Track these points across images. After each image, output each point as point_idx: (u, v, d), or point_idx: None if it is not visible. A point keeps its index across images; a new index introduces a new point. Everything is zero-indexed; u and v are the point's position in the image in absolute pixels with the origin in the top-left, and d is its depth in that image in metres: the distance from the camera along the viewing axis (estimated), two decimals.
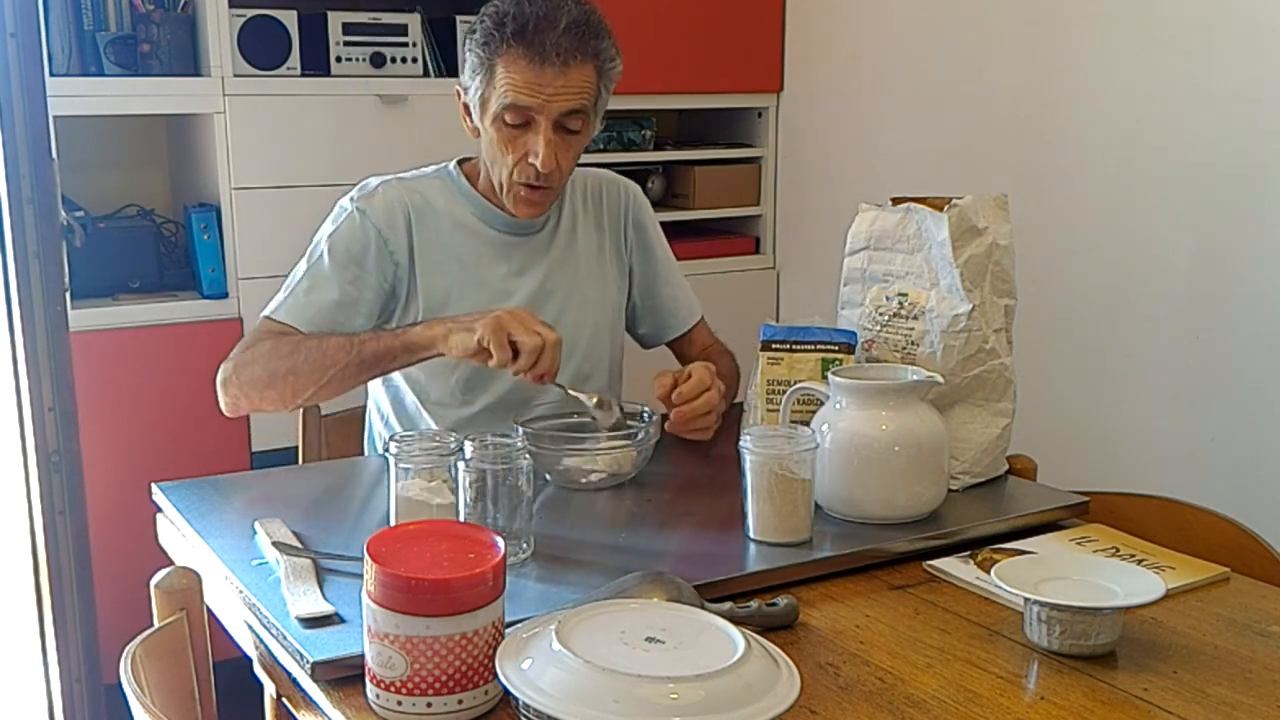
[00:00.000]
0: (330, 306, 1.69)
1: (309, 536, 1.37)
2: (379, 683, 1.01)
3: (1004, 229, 1.56)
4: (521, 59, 1.63)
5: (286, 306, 1.71)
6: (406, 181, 1.80)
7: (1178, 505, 1.57)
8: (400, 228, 1.75)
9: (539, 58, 1.62)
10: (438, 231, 1.77)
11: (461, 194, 1.80)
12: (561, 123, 1.67)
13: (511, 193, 1.72)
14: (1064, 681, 1.10)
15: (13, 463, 2.43)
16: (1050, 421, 2.46)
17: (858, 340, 1.60)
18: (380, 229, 1.74)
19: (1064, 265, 2.53)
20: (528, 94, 1.64)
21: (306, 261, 1.74)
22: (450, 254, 1.77)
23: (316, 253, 1.74)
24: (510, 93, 1.64)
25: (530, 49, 1.62)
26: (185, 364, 2.59)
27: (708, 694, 0.92)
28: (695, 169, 3.26)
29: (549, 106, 1.64)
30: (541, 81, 1.63)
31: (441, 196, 1.79)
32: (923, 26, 2.85)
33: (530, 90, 1.64)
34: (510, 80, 1.64)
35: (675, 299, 1.97)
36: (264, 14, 2.63)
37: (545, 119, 1.65)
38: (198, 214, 2.63)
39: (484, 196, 1.80)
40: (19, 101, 2.34)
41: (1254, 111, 2.19)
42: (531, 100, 1.64)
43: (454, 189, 1.80)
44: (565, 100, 1.65)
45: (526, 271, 1.81)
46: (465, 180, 1.81)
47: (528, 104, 1.64)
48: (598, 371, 1.86)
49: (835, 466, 1.41)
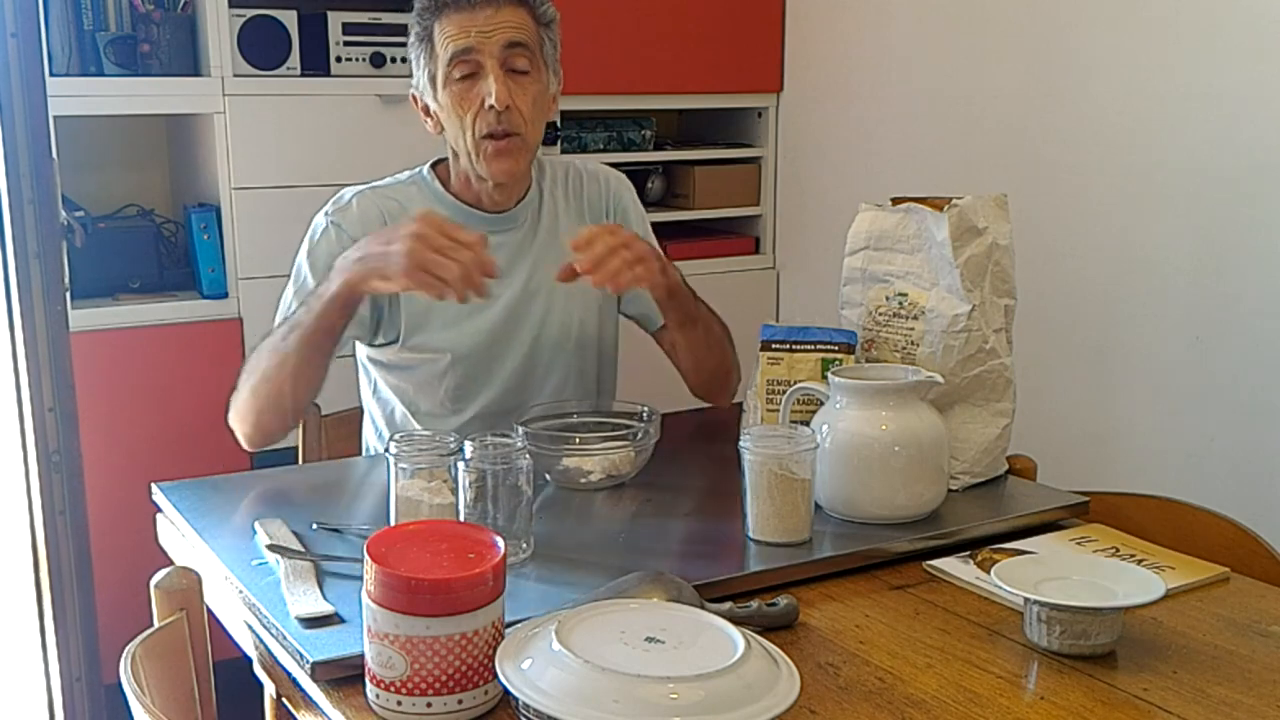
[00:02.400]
0: None
1: (309, 536, 1.37)
2: (379, 683, 1.01)
3: (1004, 229, 1.56)
4: (453, 10, 1.68)
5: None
6: (380, 189, 1.80)
7: (1177, 505, 1.57)
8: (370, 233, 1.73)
9: (468, 4, 1.67)
10: None
11: (436, 198, 1.79)
12: (508, 62, 1.68)
13: (480, 152, 1.71)
14: (1064, 681, 1.10)
15: (13, 463, 2.43)
16: (1050, 421, 2.46)
17: (858, 340, 1.60)
18: (356, 240, 1.70)
19: (1064, 265, 2.53)
20: (464, 37, 1.67)
21: (292, 285, 1.75)
22: None
23: (300, 275, 1.75)
24: (450, 44, 1.67)
25: (459, 2, 1.67)
26: (185, 364, 2.59)
27: (708, 694, 0.92)
28: (695, 169, 3.26)
29: (488, 43, 1.67)
30: (475, 22, 1.67)
31: (417, 202, 1.78)
32: (923, 26, 2.85)
33: (464, 32, 1.67)
34: (447, 33, 1.68)
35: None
36: (264, 14, 2.63)
37: (489, 59, 1.67)
38: (198, 214, 2.63)
39: (458, 197, 1.79)
40: (19, 101, 2.34)
41: (1254, 111, 2.19)
42: (470, 40, 1.67)
43: (428, 193, 1.79)
44: (502, 33, 1.67)
45: (509, 272, 1.78)
46: (439, 183, 1.80)
47: (467, 44, 1.67)
48: (589, 366, 1.85)
49: (835, 466, 1.41)
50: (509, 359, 1.79)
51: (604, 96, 3.05)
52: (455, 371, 1.76)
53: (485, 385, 1.77)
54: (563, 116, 3.00)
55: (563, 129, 3.03)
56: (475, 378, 1.78)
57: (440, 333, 1.75)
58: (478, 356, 1.77)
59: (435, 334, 1.75)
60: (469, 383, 1.77)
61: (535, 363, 1.80)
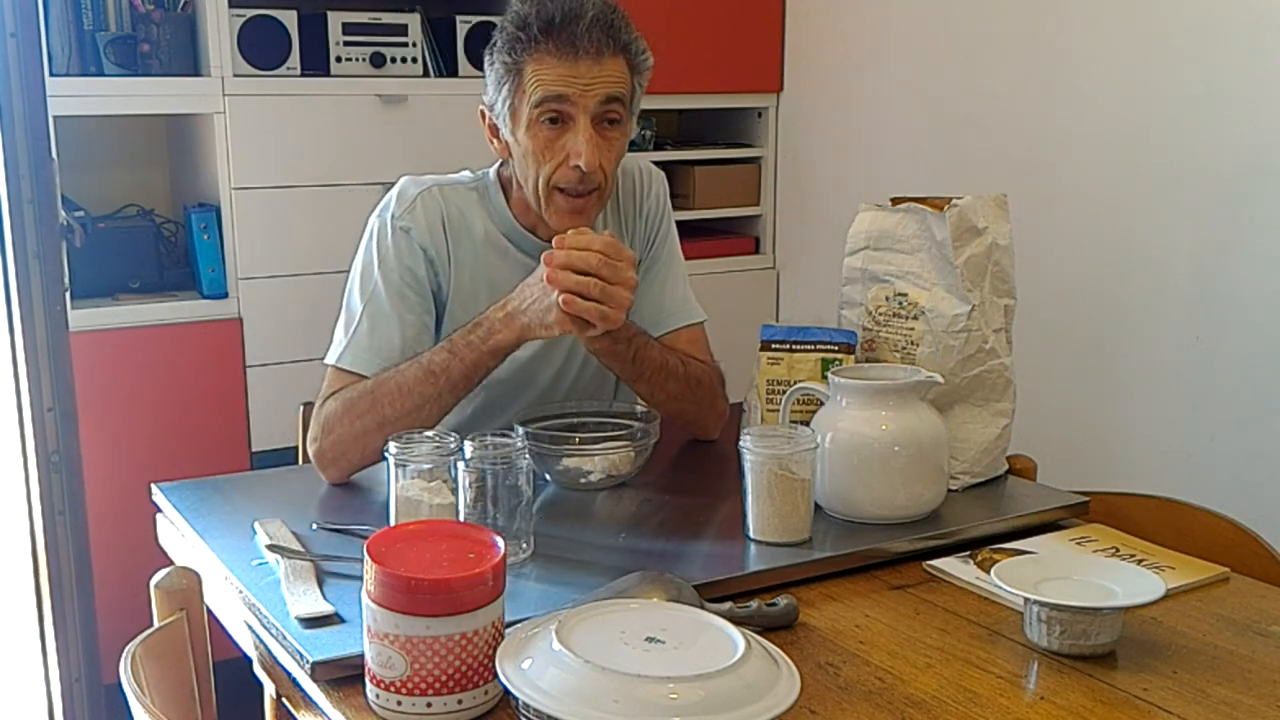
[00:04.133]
0: (397, 348, 1.61)
1: (308, 536, 1.37)
2: (379, 683, 1.01)
3: (1004, 229, 1.56)
4: (551, 55, 1.56)
5: (352, 353, 1.61)
6: (445, 190, 1.70)
7: (1177, 505, 1.57)
8: (441, 241, 1.67)
9: (571, 50, 1.55)
10: (472, 252, 1.69)
11: (495, 211, 1.70)
12: (601, 116, 1.58)
13: (552, 204, 1.61)
14: (1064, 681, 1.10)
15: (13, 463, 2.43)
16: (1050, 421, 2.46)
17: (858, 340, 1.60)
18: (426, 248, 1.65)
19: (1064, 265, 2.53)
20: (562, 85, 1.55)
21: (360, 296, 1.65)
22: (480, 275, 1.69)
23: (370, 285, 1.64)
24: (543, 87, 1.56)
25: (560, 43, 1.55)
26: (185, 364, 2.59)
27: (708, 694, 0.92)
28: (695, 169, 3.26)
29: (585, 97, 1.56)
30: (576, 73, 1.55)
31: (477, 213, 1.70)
32: (922, 27, 2.86)
33: (564, 81, 1.55)
34: (541, 77, 1.56)
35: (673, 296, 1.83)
36: (264, 14, 2.63)
37: (583, 113, 1.56)
38: (198, 214, 2.64)
39: (516, 216, 1.70)
40: (19, 101, 2.34)
41: (1254, 111, 2.19)
42: (567, 89, 1.55)
43: (489, 204, 1.71)
44: (602, 88, 1.56)
45: None
46: (501, 194, 1.71)
47: (563, 93, 1.55)
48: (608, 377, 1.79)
49: (835, 466, 1.41)
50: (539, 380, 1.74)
51: None
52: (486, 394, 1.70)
53: (512, 405, 1.73)
54: None
55: None
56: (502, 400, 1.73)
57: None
58: (511, 380, 1.71)
59: None
60: (496, 403, 1.73)
61: (563, 379, 1.76)
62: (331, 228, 2.69)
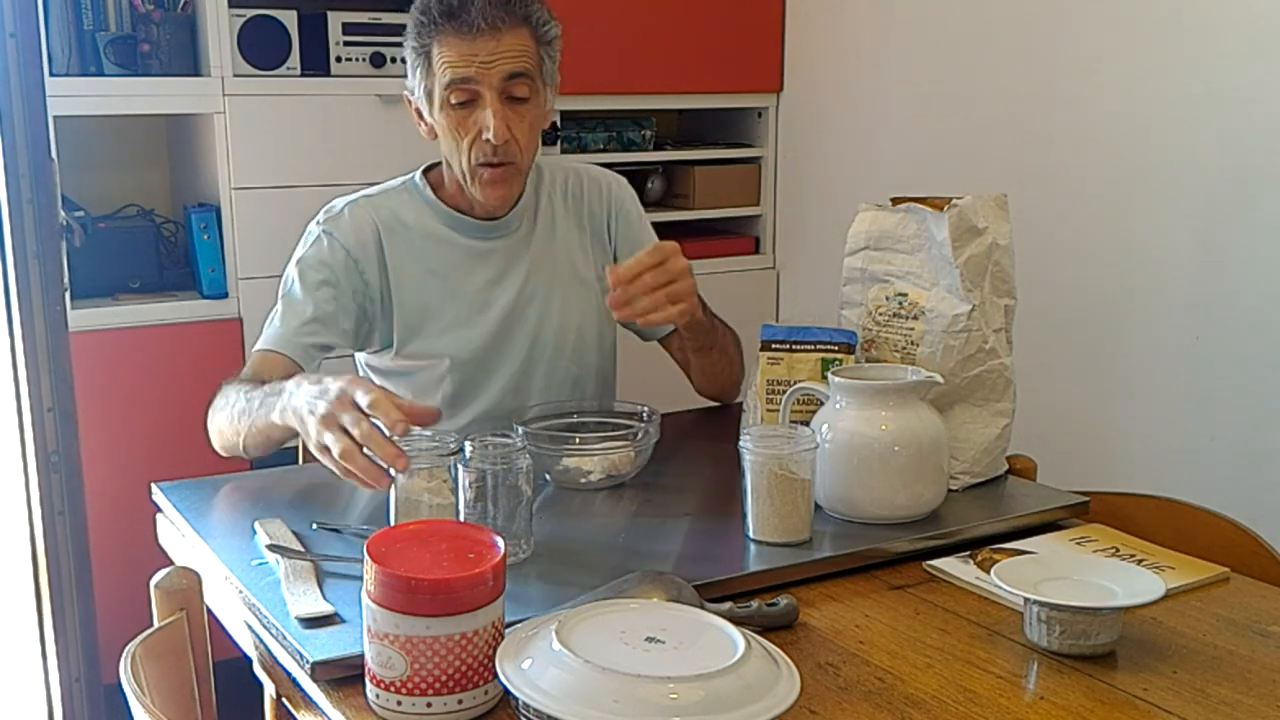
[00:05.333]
0: (305, 323, 1.69)
1: (308, 536, 1.37)
2: (379, 683, 1.01)
3: (1004, 229, 1.56)
4: (452, 35, 1.63)
5: (266, 336, 1.72)
6: (373, 198, 1.79)
7: (1178, 505, 1.57)
8: (370, 246, 1.74)
9: (468, 29, 1.62)
10: (410, 245, 1.75)
11: (428, 205, 1.78)
12: (507, 91, 1.65)
13: (475, 178, 1.69)
14: (1064, 681, 1.10)
15: (13, 463, 2.43)
16: (1050, 421, 2.46)
17: (858, 340, 1.60)
18: (349, 249, 1.73)
19: (1064, 265, 2.53)
20: (463, 65, 1.63)
21: (280, 295, 1.75)
22: (425, 267, 1.76)
23: (288, 284, 1.74)
24: (448, 70, 1.64)
25: (458, 23, 1.62)
26: (185, 364, 2.59)
27: (708, 694, 0.92)
28: (695, 169, 3.26)
29: (488, 75, 1.63)
30: (475, 51, 1.63)
31: (410, 209, 1.77)
32: (923, 26, 2.85)
33: (465, 61, 1.63)
34: (446, 58, 1.64)
35: None
36: (264, 14, 2.63)
37: (488, 90, 1.64)
38: (198, 214, 2.63)
39: (450, 204, 1.78)
40: (19, 101, 2.34)
41: (1254, 111, 2.19)
42: (468, 70, 1.63)
43: (420, 200, 1.79)
44: (504, 64, 1.64)
45: (504, 278, 1.79)
46: (430, 190, 1.79)
47: (466, 75, 1.63)
48: (585, 374, 1.85)
49: (835, 466, 1.41)
50: (506, 364, 1.79)
51: (604, 96, 3.05)
52: (453, 377, 1.76)
53: (483, 390, 1.77)
54: (562, 116, 3.00)
55: (563, 129, 3.03)
56: (473, 382, 1.78)
57: (437, 339, 1.75)
58: (476, 362, 1.77)
59: (432, 340, 1.75)
60: (466, 388, 1.77)
61: (533, 367, 1.80)
62: None
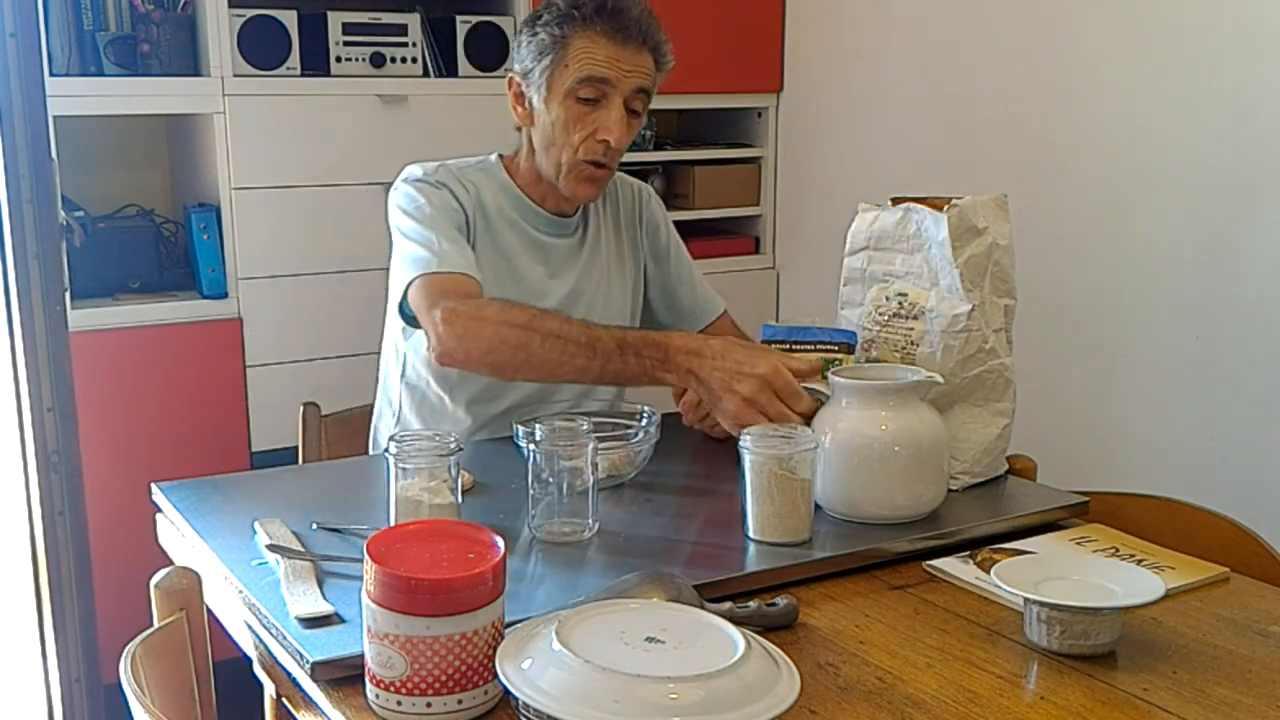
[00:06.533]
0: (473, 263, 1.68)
1: (309, 536, 1.37)
2: (379, 683, 1.01)
3: (1004, 229, 1.56)
4: (602, 35, 1.68)
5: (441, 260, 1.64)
6: (453, 169, 1.80)
7: (1178, 505, 1.57)
8: (467, 199, 1.76)
9: (621, 34, 1.68)
10: (486, 223, 1.79)
11: (504, 188, 1.81)
12: (629, 102, 1.71)
13: (574, 173, 1.73)
14: (1064, 681, 1.10)
15: (12, 463, 2.43)
16: (1050, 421, 2.46)
17: (858, 340, 1.60)
18: (461, 199, 1.75)
19: (1064, 265, 2.53)
20: (607, 67, 1.68)
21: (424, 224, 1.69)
22: (495, 246, 1.79)
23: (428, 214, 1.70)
24: (589, 66, 1.68)
25: (613, 25, 1.67)
26: (185, 364, 2.59)
27: (708, 694, 0.92)
28: (695, 169, 3.26)
29: (625, 82, 1.69)
30: (621, 57, 1.68)
31: (488, 187, 1.80)
32: (923, 27, 2.85)
33: (609, 64, 1.68)
34: (588, 53, 1.68)
35: (693, 298, 1.98)
36: (264, 14, 2.63)
37: (618, 94, 1.69)
38: (197, 214, 2.64)
39: (524, 191, 1.81)
40: (19, 101, 2.34)
41: (1254, 111, 2.19)
42: (610, 73, 1.68)
43: (497, 182, 1.81)
44: (637, 77, 1.70)
45: (560, 274, 1.82)
46: (506, 174, 1.82)
47: (606, 75, 1.68)
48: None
49: (835, 466, 1.41)
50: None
51: None
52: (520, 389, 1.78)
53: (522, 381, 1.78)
54: None
55: None
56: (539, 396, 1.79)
57: None
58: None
59: None
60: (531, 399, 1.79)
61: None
62: (331, 228, 2.70)
